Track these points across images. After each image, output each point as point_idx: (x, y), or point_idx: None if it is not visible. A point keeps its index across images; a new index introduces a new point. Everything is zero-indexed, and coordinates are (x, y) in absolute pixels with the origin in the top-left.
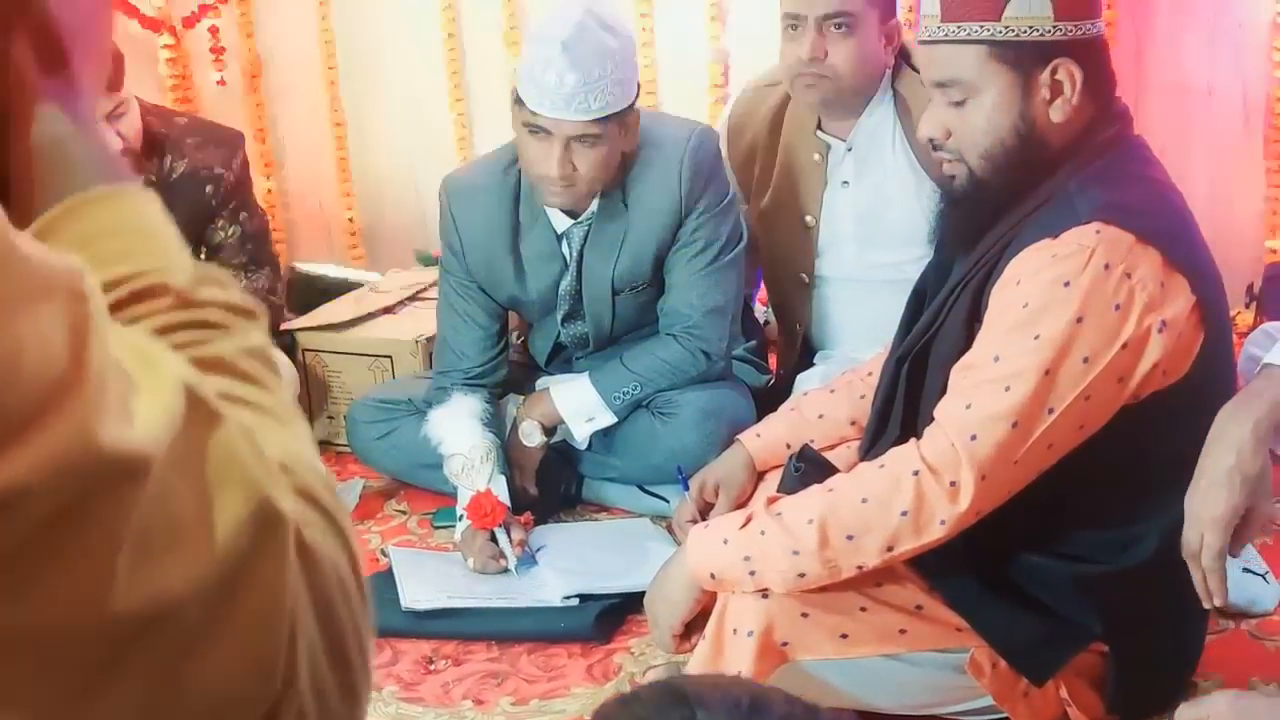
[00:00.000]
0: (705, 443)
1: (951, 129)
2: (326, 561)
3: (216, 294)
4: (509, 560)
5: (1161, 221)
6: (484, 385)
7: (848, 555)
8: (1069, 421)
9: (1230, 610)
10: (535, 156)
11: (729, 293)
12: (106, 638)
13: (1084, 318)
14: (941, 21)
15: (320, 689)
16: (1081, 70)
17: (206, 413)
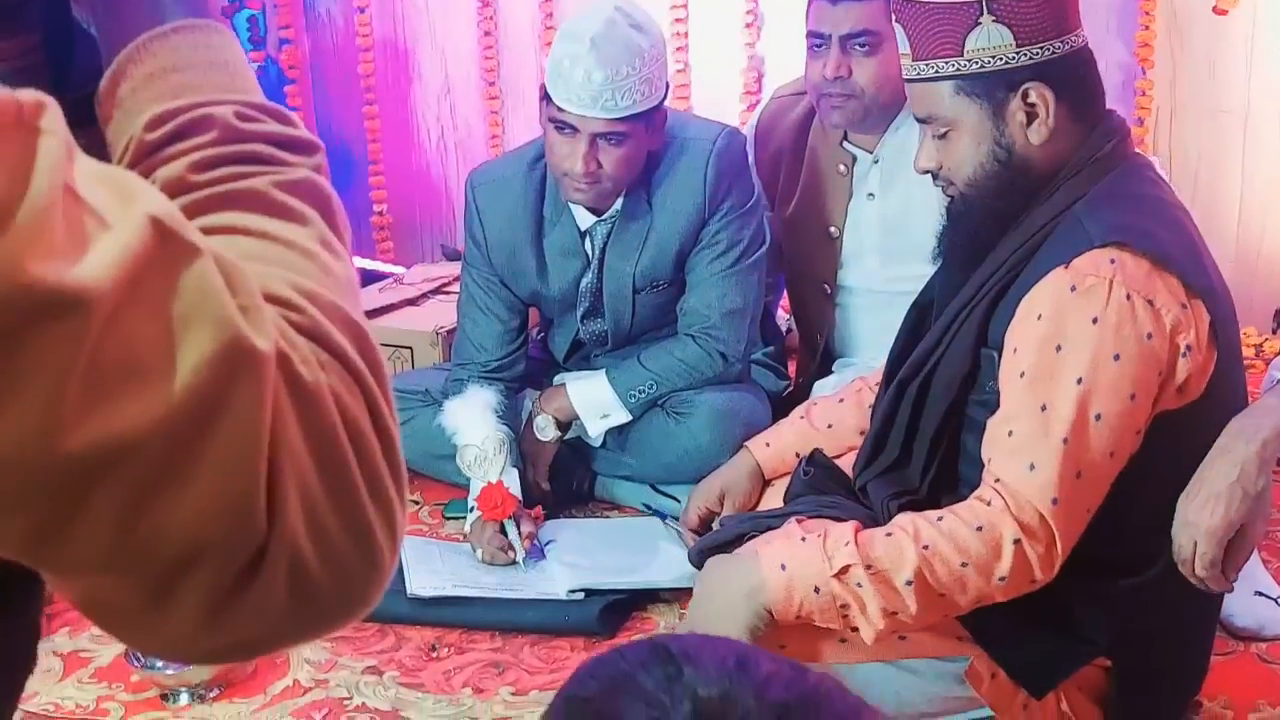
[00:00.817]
0: (719, 444)
1: (941, 160)
2: (326, 398)
3: (266, 128)
4: (517, 552)
5: (1174, 244)
6: (502, 379)
7: (937, 608)
8: (1121, 462)
9: (1241, 634)
10: (561, 153)
11: (749, 296)
12: (60, 473)
13: (1120, 354)
14: (913, 60)
15: (321, 532)
16: (1054, 90)
17: (180, 248)
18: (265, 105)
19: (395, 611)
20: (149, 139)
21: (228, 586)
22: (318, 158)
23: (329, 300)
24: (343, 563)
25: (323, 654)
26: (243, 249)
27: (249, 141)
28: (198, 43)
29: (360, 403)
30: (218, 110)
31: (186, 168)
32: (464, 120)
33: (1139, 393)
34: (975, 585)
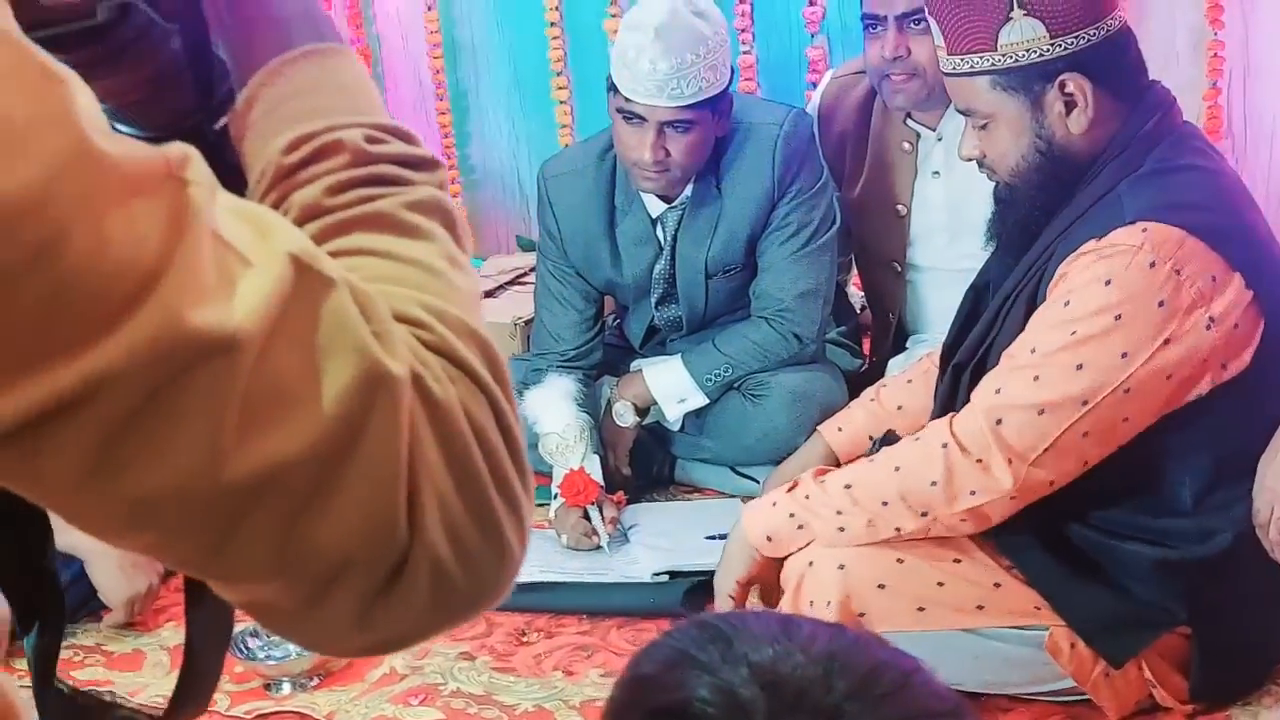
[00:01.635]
0: (796, 425)
1: (984, 150)
2: (457, 411)
3: (393, 149)
4: (601, 537)
5: (1212, 215)
6: (580, 367)
7: (884, 518)
8: (1109, 414)
9: None
10: (629, 142)
11: (821, 276)
12: (224, 500)
13: (1123, 315)
14: (948, 54)
15: (457, 536)
16: (1091, 79)
17: (318, 282)
18: (390, 126)
19: None
20: (286, 163)
21: (375, 591)
22: (440, 174)
23: (455, 316)
24: (477, 561)
25: None
26: (374, 270)
27: (378, 163)
28: (325, 66)
29: (488, 412)
30: (348, 134)
31: (322, 192)
32: (534, 111)
33: (1133, 353)
34: (911, 490)
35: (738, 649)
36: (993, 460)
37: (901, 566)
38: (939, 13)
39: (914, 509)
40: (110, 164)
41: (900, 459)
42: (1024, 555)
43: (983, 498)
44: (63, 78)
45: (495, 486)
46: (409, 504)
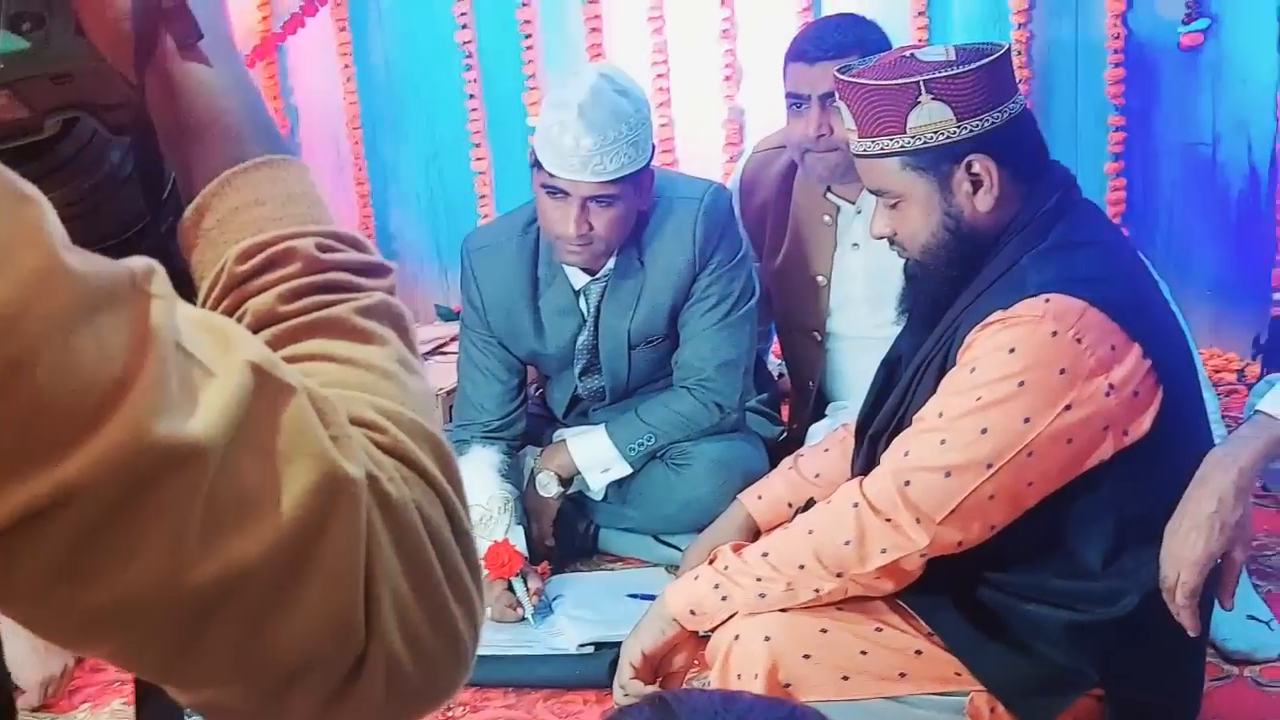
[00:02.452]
0: (718, 493)
1: (895, 228)
2: (412, 512)
3: (344, 256)
4: (525, 609)
5: (1111, 287)
6: (503, 438)
7: (802, 581)
8: (1013, 477)
9: (1234, 657)
10: (553, 217)
11: (741, 346)
12: (189, 606)
13: (1026, 381)
14: (859, 137)
15: (413, 635)
16: (996, 160)
17: (278, 389)
18: (341, 234)
19: None
20: (238, 271)
21: (333, 690)
22: (390, 279)
23: (409, 419)
24: (432, 658)
25: None
26: (330, 375)
27: (330, 271)
28: (276, 176)
29: (441, 512)
30: (300, 243)
31: (276, 299)
32: (452, 182)
33: (1035, 419)
34: (825, 551)
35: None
36: (902, 519)
37: (825, 636)
38: (850, 98)
39: (830, 569)
40: (79, 281)
41: (814, 522)
42: (943, 621)
43: (894, 554)
44: (33, 198)
45: (449, 584)
46: (367, 604)
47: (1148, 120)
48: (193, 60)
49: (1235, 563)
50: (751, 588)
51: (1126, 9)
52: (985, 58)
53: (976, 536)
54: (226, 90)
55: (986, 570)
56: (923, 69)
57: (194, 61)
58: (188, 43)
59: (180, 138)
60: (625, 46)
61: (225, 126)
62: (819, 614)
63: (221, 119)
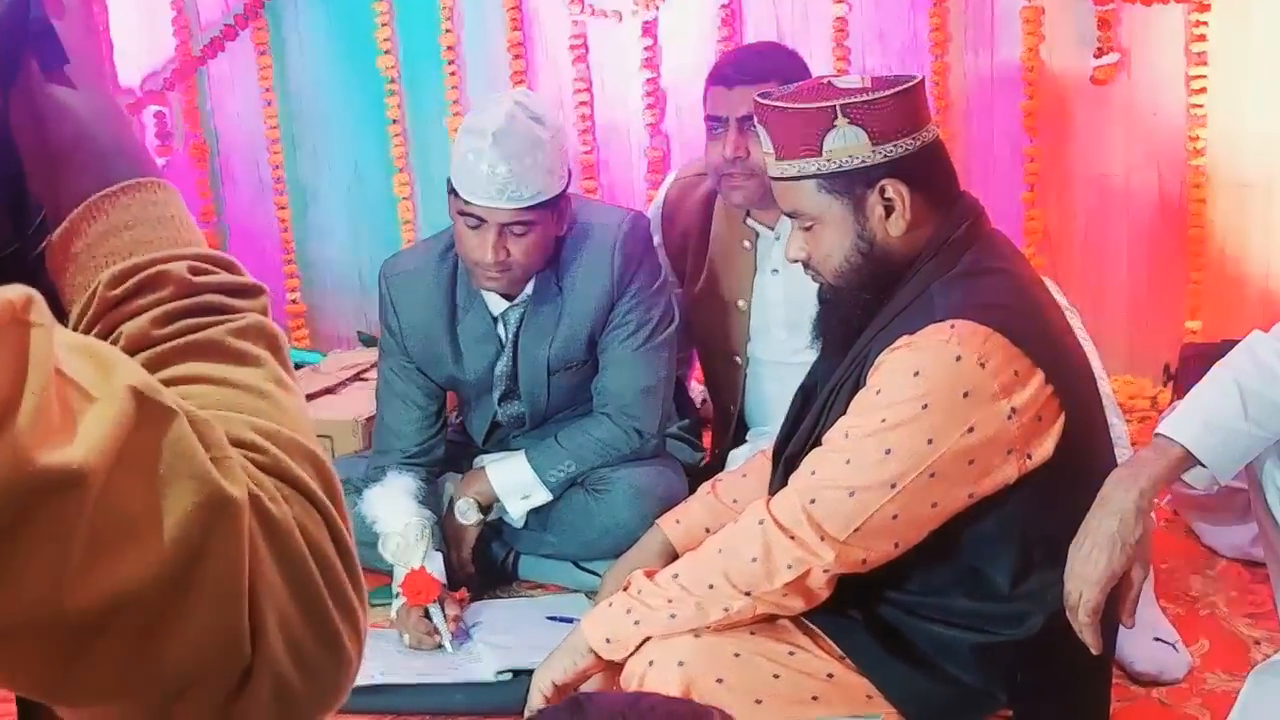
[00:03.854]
0: (638, 519)
1: (809, 252)
2: (293, 529)
3: (217, 279)
4: (443, 636)
5: (1016, 315)
6: (422, 464)
7: (711, 599)
8: (916, 497)
9: (1142, 679)
10: (470, 243)
11: (660, 373)
12: (72, 628)
13: (930, 404)
14: (776, 159)
15: (298, 648)
16: (909, 185)
17: (158, 412)
18: (213, 256)
19: None
20: (110, 295)
21: (219, 705)
22: (263, 300)
23: (287, 436)
24: (317, 669)
25: None
26: (207, 397)
27: (202, 293)
28: (145, 200)
29: (322, 527)
30: (173, 266)
31: (149, 323)
32: (375, 207)
33: (937, 440)
34: (733, 569)
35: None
36: (806, 536)
37: (738, 660)
38: (768, 120)
39: (738, 587)
40: None
41: (722, 541)
42: (853, 643)
43: (799, 569)
44: None
45: (332, 598)
46: (251, 620)
47: (1061, 151)
48: (58, 84)
49: (1134, 581)
50: (663, 609)
51: (1040, 43)
52: (899, 85)
53: (881, 555)
54: (93, 114)
55: (895, 592)
56: (839, 94)
57: (59, 85)
58: (52, 67)
59: (46, 162)
60: (548, 73)
61: (92, 150)
62: (732, 637)
63: (88, 143)
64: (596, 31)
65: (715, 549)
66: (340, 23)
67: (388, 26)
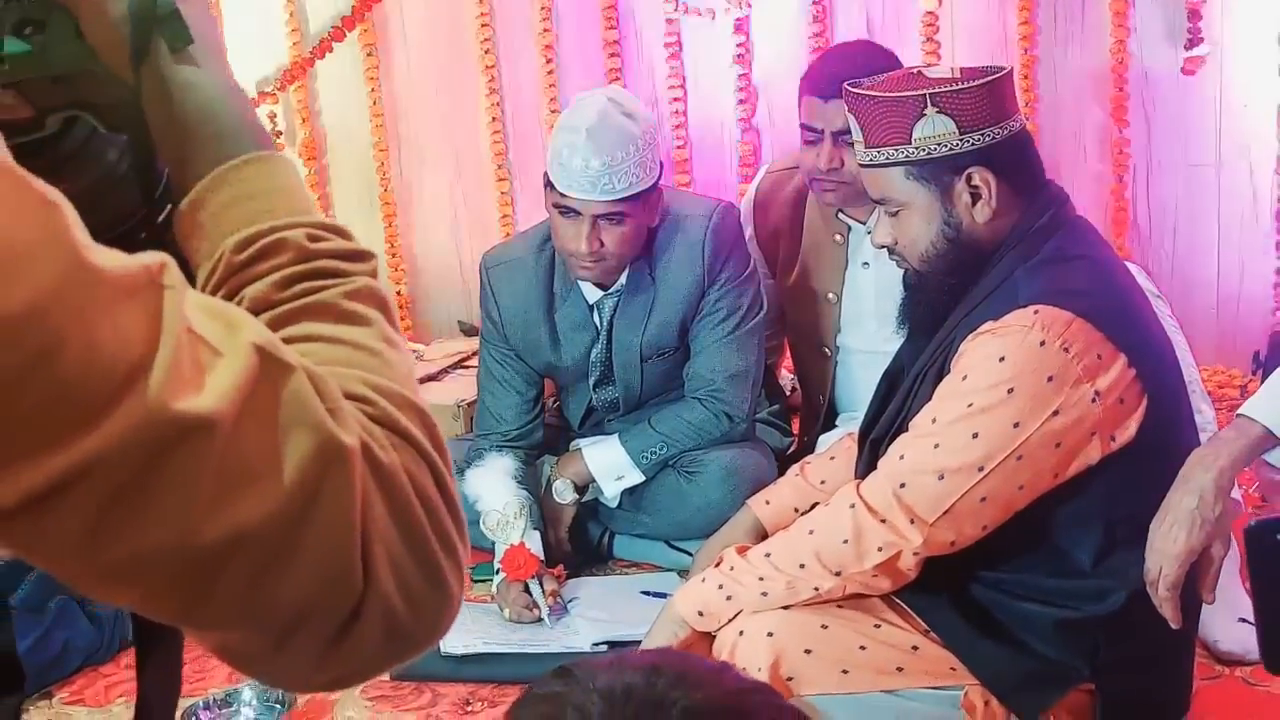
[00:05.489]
0: (729, 500)
1: (896, 237)
2: (401, 474)
3: (331, 245)
4: (542, 610)
5: (1099, 300)
6: (521, 446)
7: (802, 579)
8: (1004, 480)
9: (1225, 658)
10: (566, 235)
11: (750, 358)
12: (199, 560)
13: (1015, 388)
14: (865, 147)
15: (405, 584)
16: (995, 174)
17: (279, 367)
18: (327, 224)
19: (430, 670)
20: (236, 260)
21: (333, 635)
22: (372, 264)
23: (395, 390)
24: (423, 604)
25: (364, 712)
26: (323, 354)
27: (318, 259)
28: (265, 171)
29: (427, 473)
30: (291, 234)
31: (270, 287)
32: (476, 202)
33: (1023, 424)
34: (824, 550)
35: (578, 675)
36: (897, 519)
37: (826, 632)
38: (859, 110)
39: (828, 568)
40: (100, 276)
41: (813, 523)
42: (938, 618)
43: (889, 552)
44: (57, 203)
45: (437, 538)
46: (364, 558)
47: (1151, 142)
48: (184, 63)
49: (1214, 558)
50: (754, 587)
51: (1129, 35)
52: (989, 76)
53: (969, 537)
54: (216, 92)
55: (981, 569)
56: (929, 84)
57: (186, 64)
58: (179, 47)
59: (174, 136)
60: (643, 71)
61: (216, 125)
62: (820, 611)
63: (213, 118)
64: (690, 29)
65: (807, 530)
66: (443, 23)
67: (488, 27)
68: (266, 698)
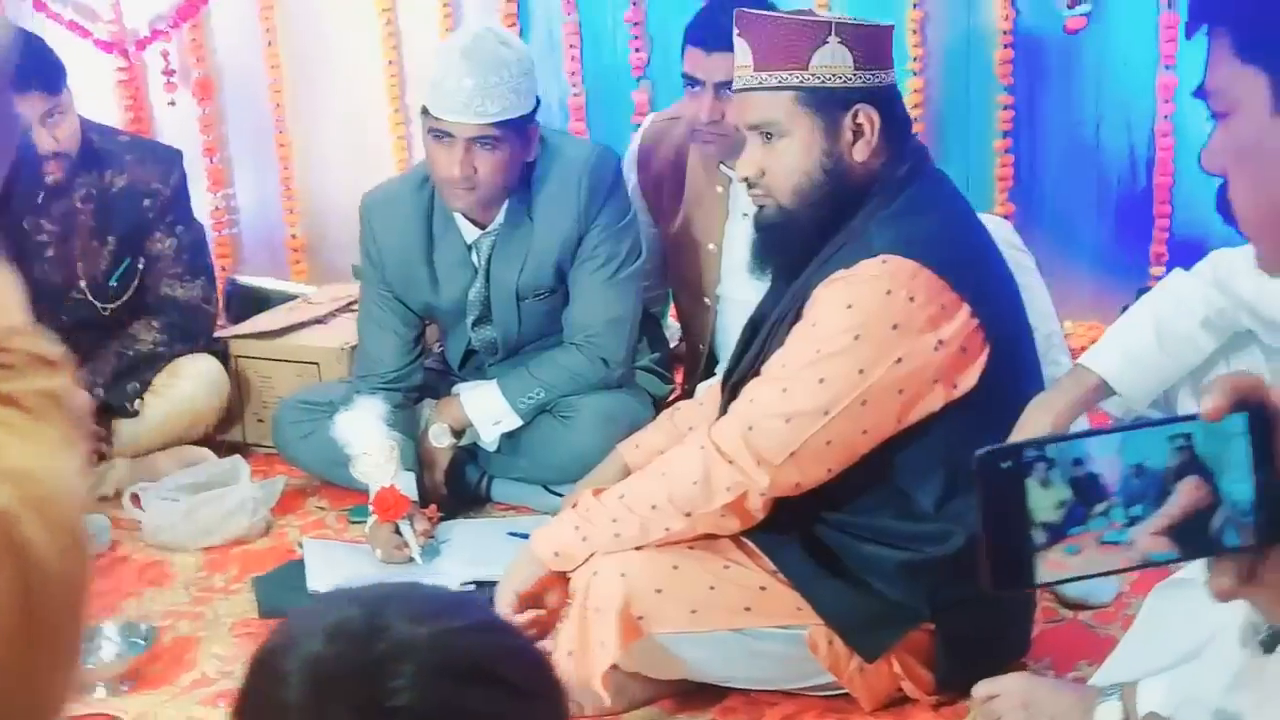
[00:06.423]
0: (603, 444)
1: (765, 168)
2: None
3: (24, 343)
4: (413, 549)
5: (946, 250)
6: (400, 389)
7: (654, 520)
8: (849, 424)
9: (1070, 602)
10: (440, 160)
11: (627, 305)
12: None
13: (861, 335)
14: (754, 70)
15: None
16: (879, 114)
17: None
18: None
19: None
20: None
21: None
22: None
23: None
24: None
25: (230, 647)
26: None
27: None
28: None
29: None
30: None
31: None
32: (372, 145)
33: (868, 370)
34: (675, 491)
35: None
36: (744, 461)
37: (676, 572)
38: (752, 31)
39: (679, 509)
40: None
41: (666, 465)
42: (785, 558)
43: (736, 492)
44: None
45: None
46: None
47: (1034, 100)
48: None
49: None
50: (608, 528)
51: None
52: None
53: (814, 479)
54: None
55: (827, 511)
56: (831, 17)
57: None
58: None
59: None
60: (542, 15)
61: None
62: (671, 552)
63: None
64: None
65: (659, 472)
66: None
67: None
68: (129, 632)
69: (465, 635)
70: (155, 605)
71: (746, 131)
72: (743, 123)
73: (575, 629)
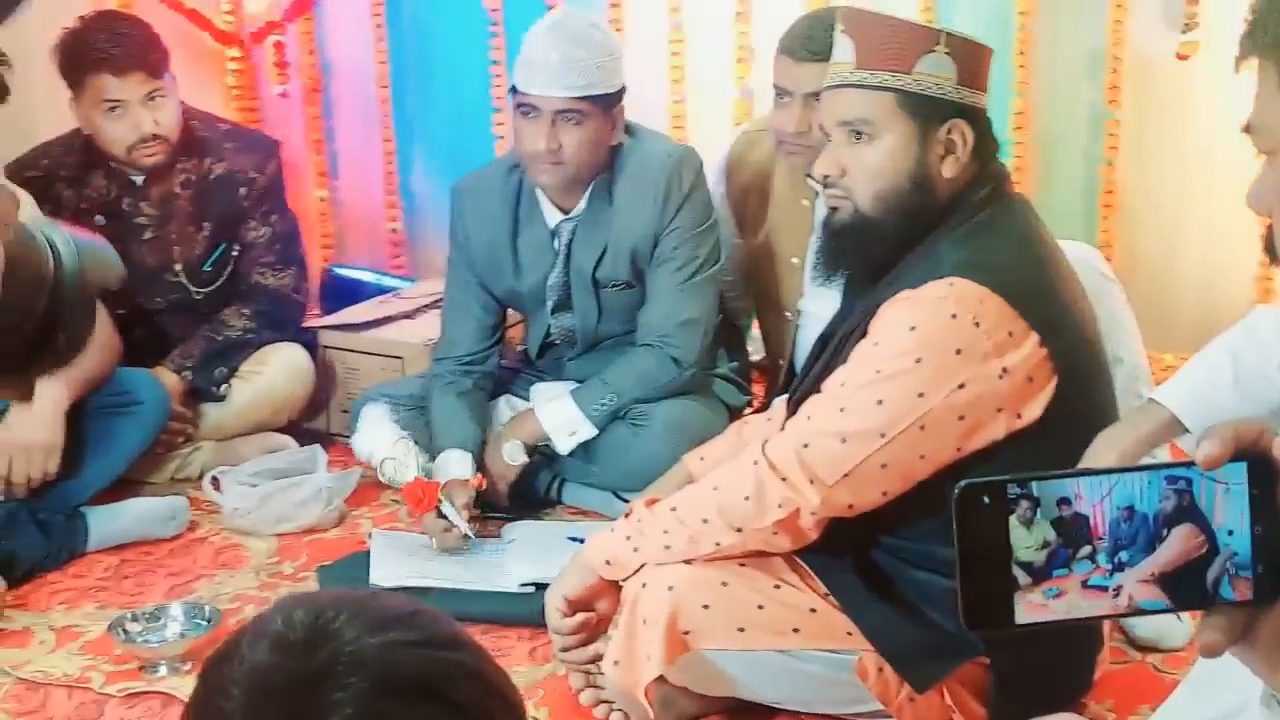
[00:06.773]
0: (673, 452)
1: (848, 168)
2: None
3: None
4: (461, 527)
5: (1018, 276)
6: (475, 372)
7: (704, 534)
8: (905, 448)
9: (1141, 644)
10: (525, 135)
11: (702, 307)
12: None
13: (923, 358)
14: (855, 68)
15: None
16: (973, 133)
17: None
18: None
19: None
20: None
21: None
22: None
23: None
24: None
25: None
26: None
27: None
28: None
29: None
30: None
31: None
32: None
33: (928, 394)
34: (726, 506)
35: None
36: (797, 478)
37: (725, 589)
38: (860, 29)
39: (730, 523)
40: None
41: (719, 479)
42: (838, 582)
43: (788, 509)
44: None
45: None
46: None
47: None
48: None
49: None
50: (658, 539)
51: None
52: None
53: (868, 502)
54: None
55: (884, 537)
56: (941, 27)
57: None
58: None
59: None
60: (643, 26)
61: None
62: (722, 568)
63: None
64: None
65: (712, 485)
66: None
67: None
68: (193, 613)
69: (416, 650)
70: (226, 588)
71: (833, 129)
72: (834, 118)
73: (623, 639)
